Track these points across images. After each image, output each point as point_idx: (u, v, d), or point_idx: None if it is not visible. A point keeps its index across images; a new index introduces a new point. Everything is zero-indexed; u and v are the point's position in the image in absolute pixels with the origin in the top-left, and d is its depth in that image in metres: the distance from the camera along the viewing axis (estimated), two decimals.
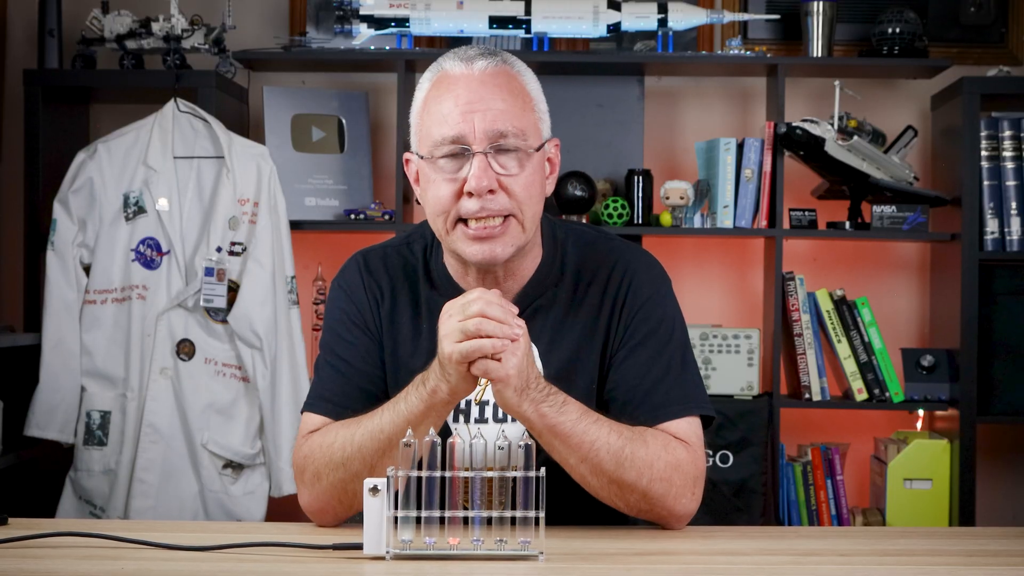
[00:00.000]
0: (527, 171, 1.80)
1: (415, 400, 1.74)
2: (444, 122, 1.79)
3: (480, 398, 1.75)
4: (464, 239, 1.80)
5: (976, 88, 3.43)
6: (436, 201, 1.81)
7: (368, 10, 3.50)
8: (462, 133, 1.78)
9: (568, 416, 1.73)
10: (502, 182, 1.78)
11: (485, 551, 1.60)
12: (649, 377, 1.85)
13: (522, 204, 1.80)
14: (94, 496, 3.28)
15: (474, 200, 1.78)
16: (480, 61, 1.81)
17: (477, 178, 1.76)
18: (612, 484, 1.76)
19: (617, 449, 1.74)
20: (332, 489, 1.81)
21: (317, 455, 1.82)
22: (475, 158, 1.77)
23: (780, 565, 1.65)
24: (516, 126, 1.79)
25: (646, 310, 1.88)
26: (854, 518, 3.51)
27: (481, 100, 1.78)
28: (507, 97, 1.80)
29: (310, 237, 3.70)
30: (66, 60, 3.57)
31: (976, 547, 1.77)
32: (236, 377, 3.31)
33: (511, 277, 1.89)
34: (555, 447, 1.75)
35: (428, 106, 1.83)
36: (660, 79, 3.79)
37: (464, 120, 1.78)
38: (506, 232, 1.80)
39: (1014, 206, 3.45)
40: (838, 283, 3.63)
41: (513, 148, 1.79)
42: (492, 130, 1.77)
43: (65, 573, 1.53)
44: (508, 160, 1.79)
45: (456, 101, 1.79)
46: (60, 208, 3.31)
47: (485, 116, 1.78)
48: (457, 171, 1.79)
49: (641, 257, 1.94)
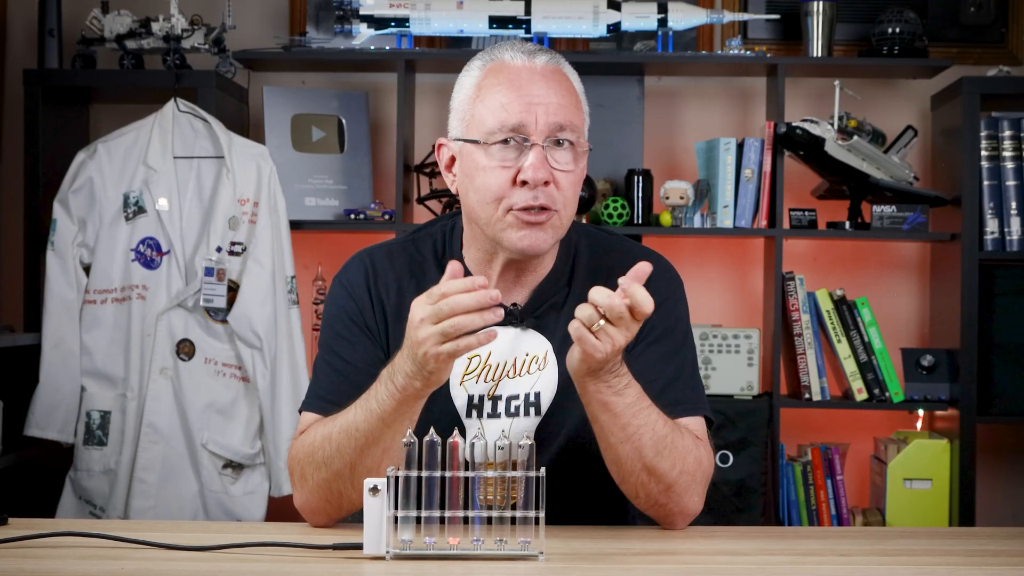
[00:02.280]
0: (578, 168, 1.84)
1: (385, 397, 1.72)
2: (504, 110, 1.81)
3: (493, 393, 1.75)
4: (513, 225, 1.81)
5: (976, 88, 3.43)
6: (486, 188, 1.82)
7: (368, 10, 3.50)
8: (523, 123, 1.80)
9: (626, 398, 1.73)
10: (555, 176, 1.81)
11: (485, 551, 1.60)
12: (665, 374, 1.86)
13: (568, 200, 1.83)
14: (94, 496, 3.28)
15: (527, 190, 1.79)
16: (541, 56, 1.85)
17: (535, 168, 1.78)
18: (644, 471, 1.76)
19: (661, 436, 1.75)
20: (318, 489, 1.81)
21: (302, 455, 1.82)
22: (533, 149, 1.79)
23: (780, 565, 1.65)
24: (572, 122, 1.82)
25: (663, 309, 1.89)
26: (854, 518, 3.51)
27: (544, 94, 1.81)
28: (565, 94, 1.83)
29: (310, 237, 3.70)
30: (66, 60, 3.57)
31: (976, 547, 1.77)
32: (236, 377, 3.31)
33: (531, 273, 1.90)
34: (602, 421, 1.75)
35: (483, 93, 1.84)
36: (660, 79, 3.79)
37: (527, 111, 1.80)
38: (549, 223, 1.82)
39: (1014, 206, 3.45)
40: (838, 283, 3.63)
41: (569, 144, 1.82)
42: (552, 123, 1.80)
43: (65, 573, 1.53)
44: (563, 155, 1.82)
45: (519, 92, 1.81)
46: (60, 208, 3.31)
47: (548, 109, 1.80)
48: (513, 160, 1.80)
49: (657, 259, 1.96)
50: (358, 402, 1.77)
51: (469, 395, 1.88)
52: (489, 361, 1.88)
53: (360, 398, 1.77)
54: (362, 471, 1.75)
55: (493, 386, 1.86)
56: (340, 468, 1.77)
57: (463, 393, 1.88)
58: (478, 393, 1.88)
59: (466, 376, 1.88)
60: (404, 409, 1.72)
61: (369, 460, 1.75)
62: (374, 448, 1.75)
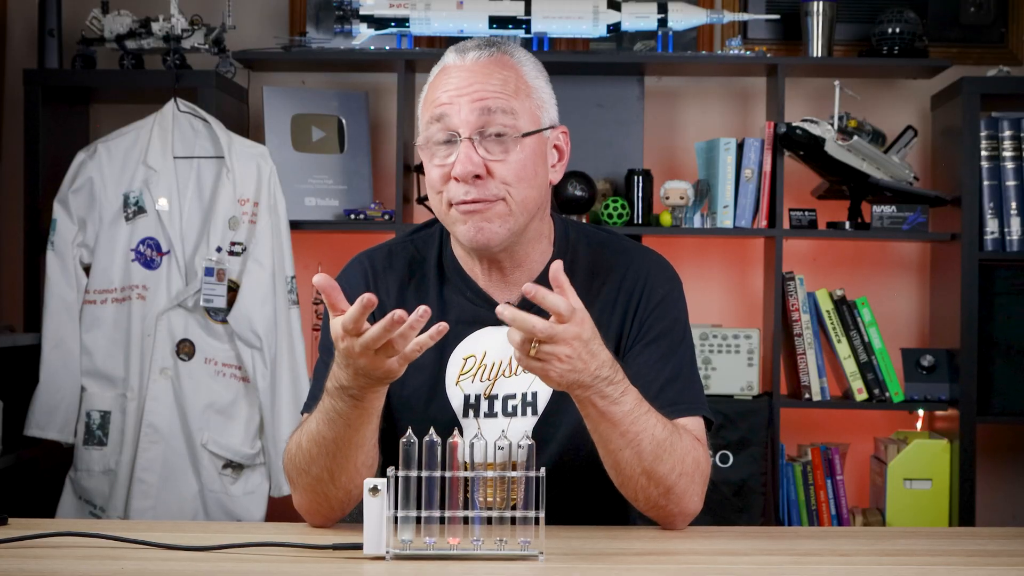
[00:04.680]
0: (514, 156, 1.82)
1: (343, 405, 1.70)
2: (432, 106, 1.83)
3: (489, 392, 1.74)
4: (459, 219, 1.82)
5: (976, 88, 3.43)
6: (431, 185, 1.85)
7: (368, 10, 3.50)
8: (446, 113, 1.81)
9: (624, 406, 1.71)
10: (489, 167, 1.81)
11: (485, 551, 1.60)
12: (663, 373, 1.86)
13: (510, 188, 1.81)
14: (94, 496, 3.28)
15: (460, 185, 1.80)
16: (473, 52, 1.85)
17: (462, 163, 1.79)
18: (643, 475, 1.76)
19: (660, 440, 1.74)
20: (307, 492, 1.81)
21: (287, 460, 1.84)
22: (462, 144, 1.80)
23: (780, 565, 1.65)
24: (503, 111, 1.81)
25: (662, 309, 1.89)
26: (854, 518, 3.51)
27: (469, 86, 1.82)
28: (496, 83, 1.82)
29: (310, 237, 3.69)
30: (66, 60, 3.57)
31: (976, 547, 1.77)
32: (236, 377, 3.31)
33: (517, 268, 1.90)
34: (600, 430, 1.74)
35: (426, 95, 1.88)
36: (660, 79, 3.79)
37: (450, 103, 1.81)
38: (492, 213, 1.81)
39: (1014, 206, 3.45)
40: (838, 283, 3.63)
41: (499, 133, 1.81)
42: (478, 108, 1.80)
43: (65, 573, 1.53)
44: (494, 146, 1.81)
45: (446, 88, 1.83)
46: (60, 208, 3.31)
47: (472, 98, 1.81)
48: (447, 157, 1.82)
49: (656, 258, 1.97)
50: (316, 409, 1.75)
51: (465, 395, 1.88)
52: (484, 361, 1.88)
53: (317, 406, 1.75)
54: (339, 473, 1.76)
55: (489, 386, 1.86)
56: (319, 473, 1.78)
57: (459, 393, 1.88)
58: (474, 393, 1.87)
59: (462, 376, 1.88)
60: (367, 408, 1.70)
61: (342, 460, 1.75)
62: (345, 450, 1.74)
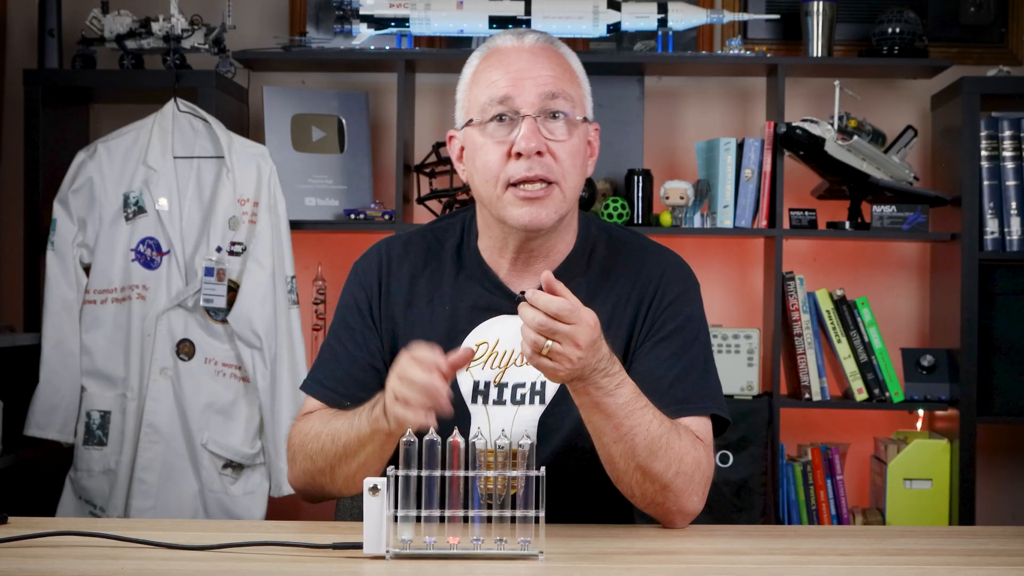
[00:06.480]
0: (574, 139, 1.85)
1: (364, 422, 1.76)
2: (494, 86, 1.85)
3: (499, 380, 1.75)
4: (512, 203, 1.83)
5: (976, 88, 3.43)
6: (485, 166, 1.85)
7: (368, 10, 3.50)
8: (511, 95, 1.83)
9: (619, 398, 1.72)
10: (549, 147, 1.83)
11: (485, 551, 1.60)
12: (672, 372, 1.87)
13: (566, 172, 1.84)
14: (94, 496, 3.28)
15: (522, 162, 1.82)
16: (531, 35, 1.89)
17: (527, 139, 1.81)
18: (638, 471, 1.76)
19: (655, 437, 1.75)
20: (303, 474, 1.88)
21: (296, 441, 1.88)
22: (524, 121, 1.82)
23: (780, 565, 1.65)
24: (564, 97, 1.85)
25: (675, 307, 1.91)
26: (854, 518, 3.51)
27: (531, 68, 1.85)
28: (556, 67, 1.86)
29: (310, 237, 3.69)
30: (66, 60, 3.57)
31: (976, 547, 1.77)
32: (236, 377, 3.31)
33: (544, 258, 1.91)
34: (594, 421, 1.75)
35: (477, 77, 1.88)
36: (660, 79, 3.79)
37: (515, 84, 1.84)
38: (549, 197, 1.83)
39: (1014, 206, 3.45)
40: (838, 283, 3.63)
41: (561, 114, 1.84)
42: (542, 93, 1.83)
43: (65, 573, 1.53)
44: (556, 126, 1.84)
45: (507, 69, 1.85)
46: (60, 208, 3.31)
47: (537, 82, 1.84)
48: (506, 135, 1.83)
49: (674, 259, 1.98)
50: (350, 412, 1.81)
51: (475, 381, 1.89)
52: (496, 348, 1.90)
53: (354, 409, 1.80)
54: (339, 475, 1.82)
55: (500, 373, 1.87)
56: (322, 466, 1.83)
57: (469, 379, 1.90)
58: (484, 379, 1.89)
59: (473, 362, 1.89)
60: (377, 438, 1.75)
61: (346, 468, 1.81)
62: (351, 460, 1.80)
